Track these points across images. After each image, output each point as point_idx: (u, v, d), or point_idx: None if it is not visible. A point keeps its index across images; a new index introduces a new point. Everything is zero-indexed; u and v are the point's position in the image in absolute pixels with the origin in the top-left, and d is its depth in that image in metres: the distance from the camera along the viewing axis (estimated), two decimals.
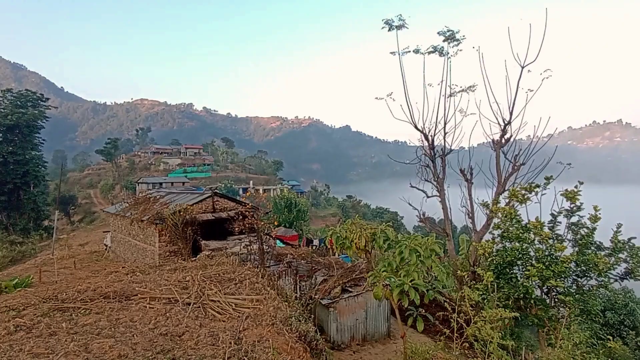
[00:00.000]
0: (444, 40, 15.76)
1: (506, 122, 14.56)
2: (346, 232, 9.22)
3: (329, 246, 20.07)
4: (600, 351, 8.72)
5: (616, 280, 9.90)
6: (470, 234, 16.11)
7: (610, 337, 15.32)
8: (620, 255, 9.60)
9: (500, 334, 6.63)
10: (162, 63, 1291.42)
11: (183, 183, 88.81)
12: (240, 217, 13.89)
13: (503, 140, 14.78)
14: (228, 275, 9.64)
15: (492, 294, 9.68)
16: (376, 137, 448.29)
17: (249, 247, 11.80)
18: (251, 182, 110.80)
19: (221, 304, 7.66)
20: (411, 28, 15.95)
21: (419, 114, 16.18)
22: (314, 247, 26.14)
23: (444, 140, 16.31)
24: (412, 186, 16.48)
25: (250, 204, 13.99)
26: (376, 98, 17.10)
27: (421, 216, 16.27)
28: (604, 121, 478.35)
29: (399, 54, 16.39)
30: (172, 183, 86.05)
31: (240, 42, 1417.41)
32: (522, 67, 14.08)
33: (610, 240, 9.86)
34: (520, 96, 14.24)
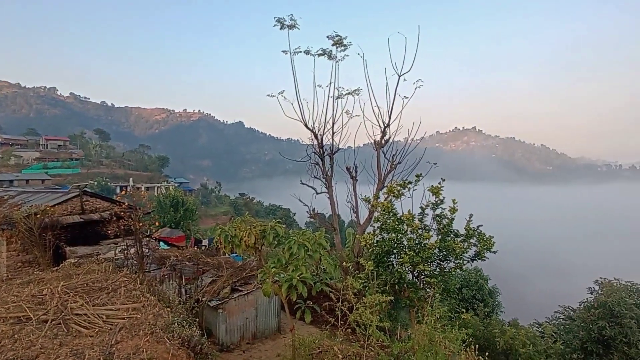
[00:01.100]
0: (332, 45, 16.53)
1: (386, 125, 15.99)
2: (235, 230, 9.02)
3: (219, 246, 19.35)
4: (457, 322, 10.24)
5: (469, 262, 11.71)
6: (355, 228, 17.31)
7: (464, 310, 18.18)
8: (472, 240, 11.40)
9: (378, 317, 7.26)
10: (12, 37, 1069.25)
11: (43, 181, 75.67)
12: (115, 218, 12.37)
13: (383, 141, 16.19)
14: (99, 284, 8.51)
15: (372, 282, 10.57)
16: (270, 135, 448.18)
17: (125, 251, 10.61)
18: (131, 179, 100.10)
19: (89, 317, 6.72)
20: (305, 32, 16.37)
21: (309, 113, 16.71)
22: (203, 248, 24.96)
23: (332, 140, 17.16)
24: (302, 183, 16.98)
25: (127, 204, 12.55)
26: (268, 95, 17.11)
27: (311, 212, 16.87)
28: (463, 127, 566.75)
29: (290, 53, 16.65)
30: (27, 181, 72.55)
31: (119, 22, 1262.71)
32: (399, 76, 15.61)
33: (464, 228, 11.62)
34: (397, 102, 15.79)
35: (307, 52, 16.64)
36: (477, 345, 9.93)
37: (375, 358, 6.87)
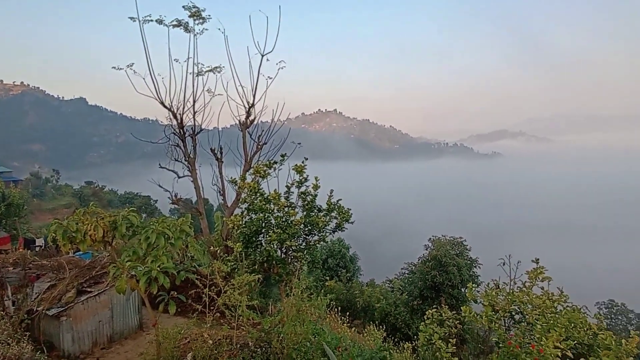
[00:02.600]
0: (189, 16, 15.31)
1: (250, 105, 15.79)
2: (77, 223, 7.71)
3: (59, 244, 16.44)
4: (322, 290, 11.13)
5: (331, 233, 12.71)
6: (224, 211, 16.90)
7: (329, 278, 19.85)
8: (332, 214, 12.36)
9: (248, 297, 7.30)
10: None
11: None
12: None
13: (248, 122, 16.00)
14: None
15: (241, 262, 10.55)
16: (121, 114, 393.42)
17: None
18: None
19: None
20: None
21: (166, 90, 15.31)
22: (37, 249, 20.82)
23: (194, 119, 16.16)
24: (161, 167, 15.62)
25: None
26: (114, 67, 14.99)
27: (173, 197, 15.73)
28: (326, 110, 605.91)
29: (139, 21, 14.78)
30: None
31: None
32: (262, 55, 15.46)
33: (326, 203, 12.50)
34: (261, 82, 15.70)
35: (159, 22, 15.04)
36: (340, 307, 11.06)
37: (246, 336, 6.94)
